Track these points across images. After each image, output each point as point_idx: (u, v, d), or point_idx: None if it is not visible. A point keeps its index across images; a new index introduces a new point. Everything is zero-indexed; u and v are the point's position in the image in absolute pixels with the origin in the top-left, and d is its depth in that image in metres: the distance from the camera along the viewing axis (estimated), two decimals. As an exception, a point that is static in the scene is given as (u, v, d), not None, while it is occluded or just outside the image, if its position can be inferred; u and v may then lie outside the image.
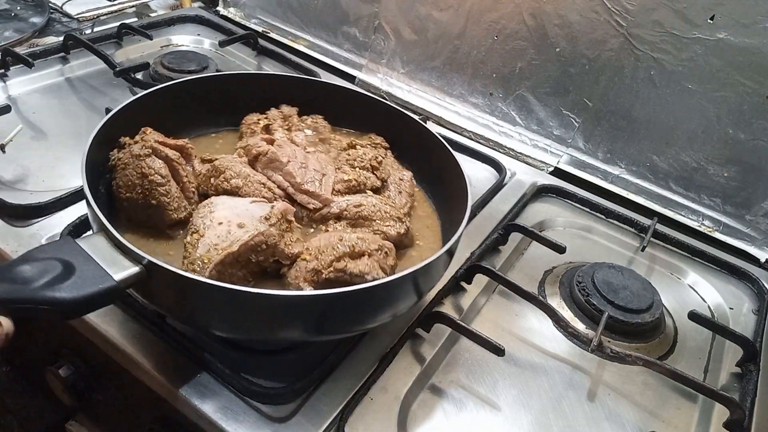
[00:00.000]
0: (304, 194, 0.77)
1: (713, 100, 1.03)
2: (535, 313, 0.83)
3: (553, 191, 1.12)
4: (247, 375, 0.66)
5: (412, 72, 1.34)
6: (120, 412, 0.84)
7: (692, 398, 0.78)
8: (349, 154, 0.85)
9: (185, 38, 1.41)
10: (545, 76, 1.17)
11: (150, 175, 0.70)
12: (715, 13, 0.98)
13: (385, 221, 0.75)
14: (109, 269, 0.53)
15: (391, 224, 0.75)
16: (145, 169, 0.70)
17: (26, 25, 1.32)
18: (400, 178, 0.86)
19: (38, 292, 0.48)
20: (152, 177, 0.70)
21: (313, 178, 0.78)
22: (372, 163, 0.83)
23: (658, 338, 0.85)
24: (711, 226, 1.09)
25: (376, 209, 0.76)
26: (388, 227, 0.75)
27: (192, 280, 0.56)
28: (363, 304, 0.62)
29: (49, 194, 0.86)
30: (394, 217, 0.76)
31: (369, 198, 0.78)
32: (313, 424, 0.65)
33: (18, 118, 1.04)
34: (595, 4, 1.07)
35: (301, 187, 0.77)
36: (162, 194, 0.70)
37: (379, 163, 0.84)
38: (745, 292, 0.98)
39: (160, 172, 0.70)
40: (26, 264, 0.49)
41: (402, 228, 0.76)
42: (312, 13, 1.45)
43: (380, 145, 0.90)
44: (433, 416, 0.70)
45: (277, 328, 0.62)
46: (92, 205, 0.59)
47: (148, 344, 0.70)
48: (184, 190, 0.74)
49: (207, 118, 0.91)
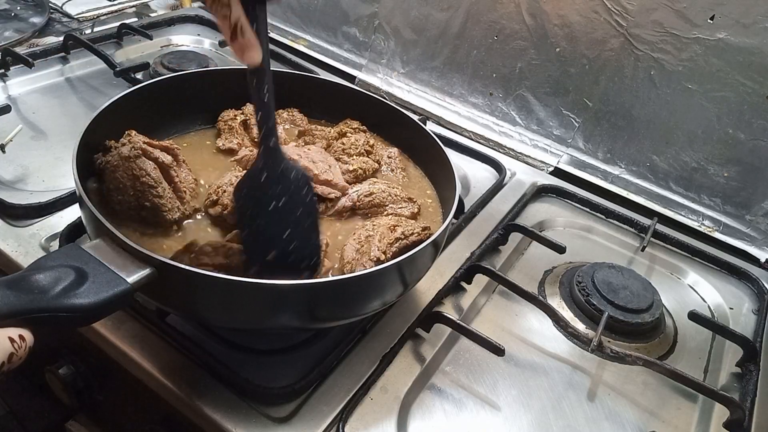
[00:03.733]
0: (324, 185, 0.78)
1: (713, 100, 1.03)
2: (535, 313, 0.83)
3: (553, 191, 1.12)
4: (247, 375, 0.66)
5: (412, 72, 1.34)
6: (120, 412, 0.84)
7: (692, 398, 0.78)
8: (343, 143, 0.86)
9: (185, 38, 1.41)
10: (545, 76, 1.17)
11: (142, 176, 0.69)
12: (715, 13, 0.98)
13: (397, 204, 0.79)
14: (121, 272, 0.53)
15: (404, 205, 0.79)
16: (136, 170, 0.69)
17: (26, 25, 1.32)
18: (389, 156, 0.88)
19: (56, 300, 0.49)
20: (144, 179, 0.69)
21: (324, 168, 0.79)
22: (366, 148, 0.85)
23: (658, 338, 0.85)
24: (711, 226, 1.09)
25: (386, 194, 0.79)
26: (402, 208, 0.79)
27: (206, 276, 0.56)
28: (351, 292, 0.63)
29: (49, 194, 0.86)
30: (405, 198, 0.80)
31: (377, 185, 0.80)
32: (313, 424, 0.65)
33: (18, 118, 1.04)
34: (595, 4, 1.07)
35: (319, 178, 0.78)
36: (155, 196, 0.70)
37: (372, 146, 0.86)
38: (745, 292, 0.98)
39: (151, 174, 0.70)
40: (39, 273, 0.50)
41: (415, 207, 0.80)
42: (312, 13, 1.45)
43: (359, 129, 0.90)
44: (433, 416, 0.70)
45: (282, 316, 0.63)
46: (93, 211, 0.59)
47: (148, 344, 0.70)
48: (176, 190, 0.74)
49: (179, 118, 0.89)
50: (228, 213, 0.74)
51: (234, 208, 0.72)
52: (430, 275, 0.77)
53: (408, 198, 0.80)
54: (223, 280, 0.57)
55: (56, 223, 0.84)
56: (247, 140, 0.88)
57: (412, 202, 0.80)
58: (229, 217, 0.73)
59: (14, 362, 0.44)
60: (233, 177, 0.77)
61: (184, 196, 0.75)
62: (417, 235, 0.72)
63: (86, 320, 0.51)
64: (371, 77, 1.39)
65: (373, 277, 0.62)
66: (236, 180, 0.75)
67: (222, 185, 0.76)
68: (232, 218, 0.73)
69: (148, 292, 0.58)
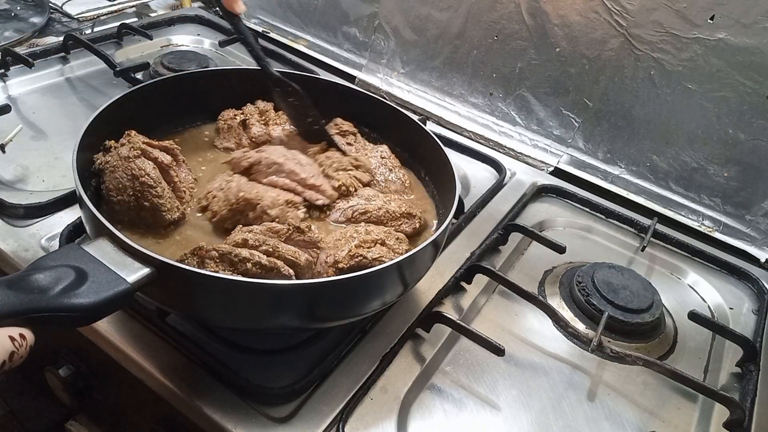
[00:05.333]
0: (311, 189, 0.77)
1: (713, 100, 1.03)
2: (535, 313, 0.83)
3: (553, 191, 1.12)
4: (247, 375, 0.66)
5: (412, 72, 1.34)
6: (120, 412, 0.84)
7: (692, 398, 0.78)
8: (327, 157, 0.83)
9: (185, 38, 1.41)
10: (545, 76, 1.17)
11: (141, 176, 0.69)
12: (715, 13, 0.98)
13: (397, 221, 0.77)
14: (121, 272, 0.53)
15: (403, 221, 0.77)
16: (136, 170, 0.69)
17: (26, 25, 1.32)
18: (382, 156, 0.87)
19: (56, 299, 0.49)
20: (143, 179, 0.69)
21: (312, 172, 0.78)
22: (353, 163, 0.83)
23: (658, 338, 0.85)
24: (711, 226, 1.09)
25: (382, 212, 0.76)
26: (403, 225, 0.77)
27: (206, 276, 0.57)
28: (351, 292, 0.63)
29: (49, 194, 0.86)
30: (405, 214, 0.77)
31: (373, 202, 0.78)
32: (313, 424, 0.65)
33: (18, 118, 1.04)
34: (595, 4, 1.07)
35: (306, 182, 0.77)
36: (155, 196, 0.69)
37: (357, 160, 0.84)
38: (745, 292, 0.98)
39: (150, 174, 0.70)
40: (39, 273, 0.50)
41: (417, 223, 0.78)
42: (312, 13, 1.45)
43: (348, 131, 0.89)
44: (433, 416, 0.70)
45: (282, 316, 0.63)
46: (93, 211, 0.59)
47: (148, 344, 0.70)
48: (176, 190, 0.74)
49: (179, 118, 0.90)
50: (217, 220, 0.72)
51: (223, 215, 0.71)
52: (430, 275, 0.77)
53: (407, 213, 0.77)
54: (223, 280, 0.57)
55: (56, 223, 0.84)
56: (245, 140, 0.88)
57: (412, 217, 0.77)
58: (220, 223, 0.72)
59: (15, 361, 0.45)
60: (223, 181, 0.76)
61: (184, 195, 0.75)
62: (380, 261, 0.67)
63: (86, 320, 0.51)
64: (371, 77, 1.39)
65: (373, 277, 0.61)
66: (226, 184, 0.75)
67: (212, 190, 0.75)
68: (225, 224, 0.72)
69: (148, 292, 0.58)
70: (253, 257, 0.62)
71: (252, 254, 0.62)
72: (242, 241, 0.65)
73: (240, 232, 0.67)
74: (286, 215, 0.72)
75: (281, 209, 0.72)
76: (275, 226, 0.68)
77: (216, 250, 0.61)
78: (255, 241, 0.65)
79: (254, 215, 0.71)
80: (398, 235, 0.73)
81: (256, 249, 0.64)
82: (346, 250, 0.68)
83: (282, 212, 0.71)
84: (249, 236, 0.65)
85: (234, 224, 0.71)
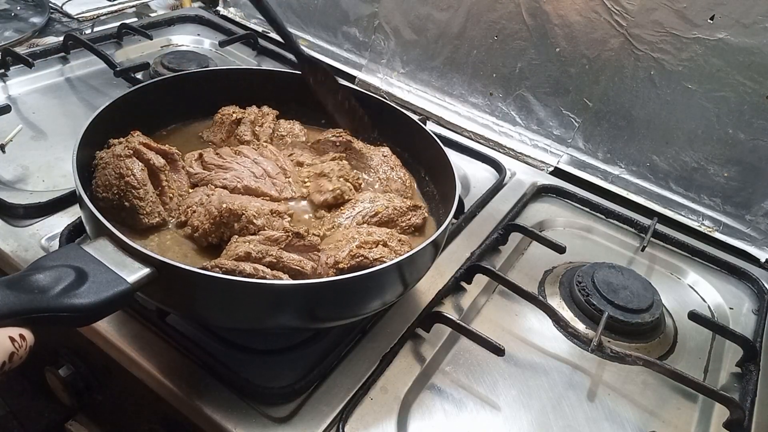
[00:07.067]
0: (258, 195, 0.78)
1: (713, 100, 1.03)
2: (535, 313, 0.83)
3: (553, 191, 1.12)
4: (247, 375, 0.66)
5: (412, 72, 1.34)
6: (120, 412, 0.84)
7: (692, 398, 0.78)
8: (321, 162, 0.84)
9: (185, 38, 1.41)
10: (545, 76, 1.17)
11: (126, 176, 0.68)
12: (715, 13, 0.98)
13: (406, 216, 0.78)
14: (121, 272, 0.53)
15: (411, 215, 0.79)
16: (123, 169, 0.69)
17: (26, 25, 1.32)
18: (383, 155, 0.87)
19: (56, 299, 0.49)
20: (128, 178, 0.68)
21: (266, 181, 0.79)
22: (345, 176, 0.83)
23: (658, 338, 0.85)
24: (711, 226, 1.09)
25: (390, 210, 0.78)
26: (413, 218, 0.79)
27: (206, 276, 0.56)
28: (351, 292, 0.63)
29: (49, 194, 0.86)
30: (410, 207, 0.79)
31: (378, 202, 0.78)
32: (313, 424, 0.65)
33: (18, 118, 1.04)
34: (595, 4, 1.07)
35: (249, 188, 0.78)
36: (136, 197, 0.69)
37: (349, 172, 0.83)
38: (745, 292, 0.98)
39: (136, 175, 0.69)
40: (39, 273, 0.50)
41: (423, 213, 0.80)
42: (312, 13, 1.45)
43: (343, 136, 0.89)
44: (433, 416, 0.70)
45: (282, 316, 0.63)
46: (93, 211, 0.59)
47: (148, 344, 0.70)
48: (162, 195, 0.73)
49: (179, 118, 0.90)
50: (200, 235, 0.70)
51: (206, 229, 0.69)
52: (430, 275, 0.77)
53: (414, 206, 0.79)
54: (223, 280, 0.57)
55: (56, 223, 0.84)
56: (234, 139, 0.88)
57: (418, 208, 0.80)
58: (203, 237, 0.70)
59: (15, 361, 0.45)
60: (204, 195, 0.74)
61: (169, 202, 0.73)
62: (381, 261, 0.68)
63: (86, 320, 0.51)
64: (371, 77, 1.39)
65: (373, 277, 0.61)
66: (207, 198, 0.73)
67: (191, 205, 0.73)
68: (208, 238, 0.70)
69: (148, 292, 0.58)
70: (257, 272, 0.62)
71: (256, 269, 0.62)
72: (245, 255, 0.64)
73: (240, 244, 0.65)
74: (272, 224, 0.70)
75: (267, 218, 0.70)
76: (273, 234, 0.67)
77: (219, 267, 0.61)
78: (258, 253, 0.64)
79: (239, 225, 0.69)
80: (401, 237, 0.74)
81: (259, 262, 0.63)
82: (347, 251, 0.68)
83: (268, 221, 0.70)
84: (251, 248, 0.64)
85: (218, 237, 0.69)
